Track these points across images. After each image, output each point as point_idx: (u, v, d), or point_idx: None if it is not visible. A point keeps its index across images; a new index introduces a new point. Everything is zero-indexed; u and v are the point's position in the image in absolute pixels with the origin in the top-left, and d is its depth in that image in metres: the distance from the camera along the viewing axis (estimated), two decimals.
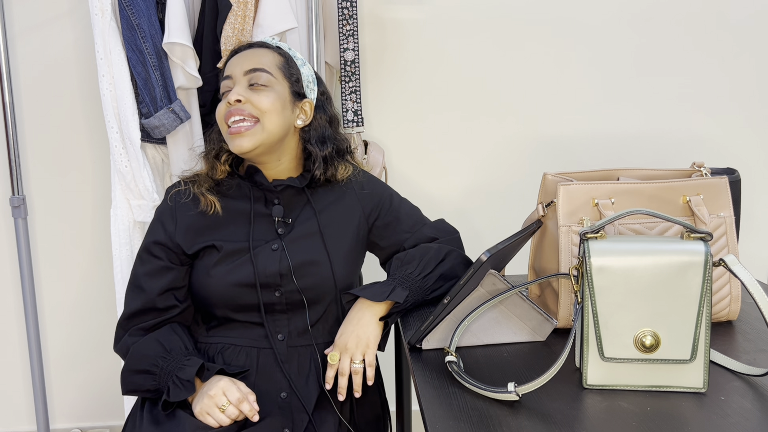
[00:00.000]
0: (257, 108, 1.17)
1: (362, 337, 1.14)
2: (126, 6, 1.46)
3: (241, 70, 1.19)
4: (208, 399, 1.08)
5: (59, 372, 1.97)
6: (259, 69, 1.19)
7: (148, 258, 1.21)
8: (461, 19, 1.87)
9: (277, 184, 1.22)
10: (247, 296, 1.17)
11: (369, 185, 1.31)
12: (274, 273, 1.17)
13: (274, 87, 1.19)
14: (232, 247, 1.18)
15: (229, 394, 1.08)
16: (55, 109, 1.83)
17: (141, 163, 1.55)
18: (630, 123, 1.96)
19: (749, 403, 0.85)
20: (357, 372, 1.13)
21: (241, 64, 1.20)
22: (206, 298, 1.19)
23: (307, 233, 1.21)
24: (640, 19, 1.90)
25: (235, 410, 1.08)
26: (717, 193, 1.10)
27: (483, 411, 0.85)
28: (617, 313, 0.89)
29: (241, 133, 1.16)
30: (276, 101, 1.18)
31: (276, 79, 1.20)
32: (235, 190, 1.24)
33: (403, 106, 1.90)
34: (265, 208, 1.23)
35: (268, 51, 1.23)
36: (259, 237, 1.20)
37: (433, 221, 1.35)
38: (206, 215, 1.21)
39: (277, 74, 1.20)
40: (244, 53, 1.23)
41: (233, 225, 1.21)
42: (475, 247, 1.94)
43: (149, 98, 1.50)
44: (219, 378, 1.10)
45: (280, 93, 1.20)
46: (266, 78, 1.19)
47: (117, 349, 1.20)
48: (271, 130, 1.18)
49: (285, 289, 1.18)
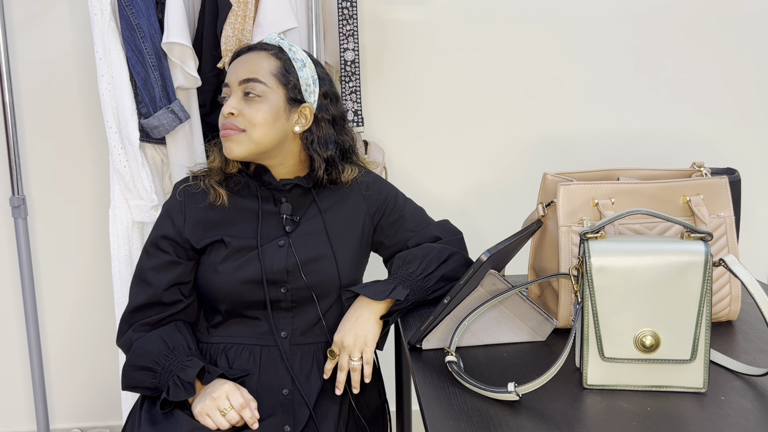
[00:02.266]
0: (248, 121, 1.17)
1: (360, 335, 1.14)
2: (125, 6, 1.46)
3: (236, 79, 1.19)
4: (211, 401, 1.08)
5: (59, 372, 1.97)
6: (252, 79, 1.18)
7: (155, 252, 1.22)
8: (461, 19, 1.87)
9: (285, 183, 1.23)
10: (253, 293, 1.18)
11: (374, 185, 1.31)
12: (281, 269, 1.18)
13: (268, 97, 1.19)
14: (240, 243, 1.19)
15: (232, 399, 1.08)
16: (55, 109, 1.83)
17: (140, 164, 1.55)
18: (630, 123, 1.96)
19: (749, 403, 0.85)
20: (355, 369, 1.14)
21: (237, 73, 1.20)
22: (212, 293, 1.19)
23: (313, 231, 1.22)
24: (639, 19, 1.90)
25: (236, 415, 1.08)
26: (717, 193, 1.09)
27: (483, 411, 0.85)
28: (617, 313, 0.89)
29: (230, 137, 1.18)
30: (267, 113, 1.18)
31: (270, 89, 1.19)
32: (244, 189, 1.25)
33: (403, 105, 1.90)
34: (273, 207, 1.24)
35: (266, 56, 1.21)
36: (267, 234, 1.21)
37: (438, 221, 1.35)
38: (215, 210, 1.22)
39: (272, 83, 1.19)
40: (243, 58, 1.22)
41: (241, 222, 1.22)
42: (475, 247, 1.93)
43: (148, 98, 1.50)
44: (223, 381, 1.11)
45: (273, 103, 1.19)
46: (260, 89, 1.18)
47: (120, 344, 1.21)
48: (259, 140, 1.18)
49: (291, 285, 1.18)
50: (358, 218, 1.27)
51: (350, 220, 1.26)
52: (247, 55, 1.22)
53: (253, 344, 1.19)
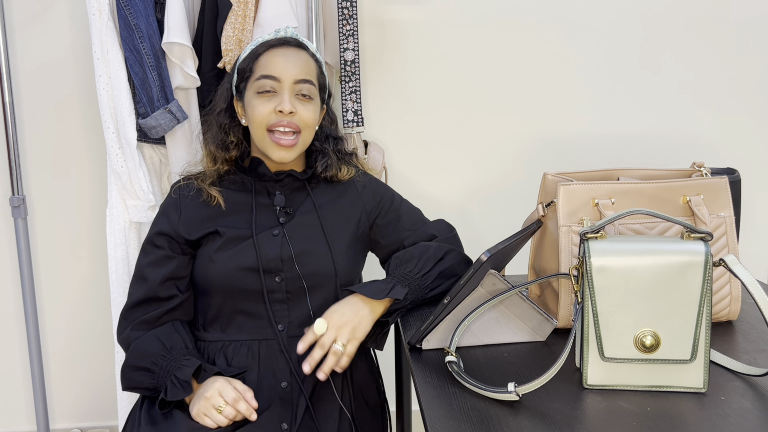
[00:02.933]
0: (303, 122, 1.21)
1: (354, 325, 1.10)
2: (124, 6, 1.46)
3: (292, 78, 1.20)
4: (205, 401, 1.08)
5: (59, 372, 1.97)
6: (308, 81, 1.22)
7: (151, 249, 1.23)
8: (461, 18, 1.87)
9: (279, 172, 1.25)
10: (249, 281, 1.18)
11: (371, 185, 1.33)
12: (275, 257, 1.18)
13: (315, 100, 1.25)
14: (234, 233, 1.20)
15: (225, 395, 1.08)
16: (55, 110, 1.83)
17: (137, 164, 1.55)
18: (630, 123, 1.96)
19: (749, 403, 0.85)
20: (335, 353, 1.08)
21: (291, 70, 1.21)
22: (209, 283, 1.19)
23: (307, 223, 1.23)
24: (640, 19, 1.90)
25: (232, 410, 1.08)
26: (717, 193, 1.09)
27: (483, 411, 0.85)
28: (617, 313, 0.89)
29: (289, 146, 1.20)
30: (316, 115, 1.25)
31: (316, 91, 1.25)
32: (238, 185, 1.27)
33: (403, 105, 1.90)
34: (267, 199, 1.25)
35: (310, 58, 1.25)
36: (261, 224, 1.22)
37: (433, 221, 1.36)
38: (210, 206, 1.24)
39: (317, 86, 1.25)
40: (289, 53, 1.22)
41: (235, 214, 1.23)
42: (475, 247, 1.94)
43: (146, 98, 1.50)
44: (215, 379, 1.11)
45: (317, 106, 1.26)
46: (313, 91, 1.24)
47: (120, 341, 1.22)
48: (306, 141, 1.25)
49: (285, 275, 1.19)
50: (354, 215, 1.28)
51: (346, 216, 1.27)
52: (291, 51, 1.23)
53: (251, 339, 1.19)
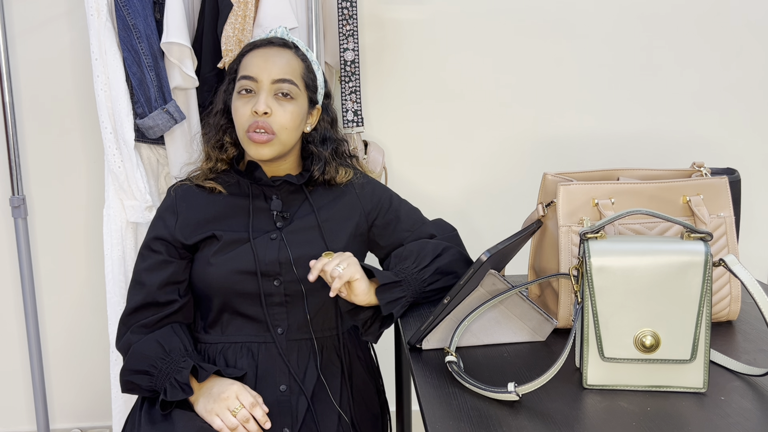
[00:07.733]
0: (279, 123, 1.19)
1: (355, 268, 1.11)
2: (122, 6, 1.46)
3: (269, 77, 1.19)
4: (221, 402, 1.08)
5: (59, 372, 1.97)
6: (287, 80, 1.19)
7: (148, 254, 1.22)
8: (461, 18, 1.87)
9: (275, 179, 1.24)
10: (246, 284, 1.18)
11: (369, 186, 1.33)
12: (273, 261, 1.18)
13: (297, 100, 1.21)
14: (231, 236, 1.19)
15: (242, 398, 1.09)
16: (54, 110, 1.83)
17: (134, 164, 1.54)
18: (630, 123, 1.96)
19: (749, 403, 0.85)
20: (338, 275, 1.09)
21: (269, 70, 1.19)
22: (207, 287, 1.19)
23: (305, 227, 1.23)
24: (640, 19, 1.90)
25: (247, 414, 1.08)
26: (717, 193, 1.09)
27: (483, 411, 0.85)
28: (617, 313, 0.89)
29: (262, 143, 1.18)
30: (296, 116, 1.21)
31: (300, 91, 1.22)
32: (234, 187, 1.26)
33: (403, 106, 1.90)
34: (264, 203, 1.24)
35: (293, 57, 1.23)
36: (258, 228, 1.21)
37: (432, 220, 1.35)
38: (207, 209, 1.23)
39: (301, 85, 1.22)
40: (270, 53, 1.21)
41: (232, 218, 1.23)
42: (475, 247, 1.93)
43: (144, 98, 1.50)
44: (231, 382, 1.11)
45: (300, 106, 1.22)
46: (294, 91, 1.20)
47: (119, 347, 1.21)
48: (286, 143, 1.21)
49: (284, 279, 1.19)
50: (353, 216, 1.27)
51: (344, 218, 1.26)
52: (273, 50, 1.22)
53: (250, 342, 1.19)
